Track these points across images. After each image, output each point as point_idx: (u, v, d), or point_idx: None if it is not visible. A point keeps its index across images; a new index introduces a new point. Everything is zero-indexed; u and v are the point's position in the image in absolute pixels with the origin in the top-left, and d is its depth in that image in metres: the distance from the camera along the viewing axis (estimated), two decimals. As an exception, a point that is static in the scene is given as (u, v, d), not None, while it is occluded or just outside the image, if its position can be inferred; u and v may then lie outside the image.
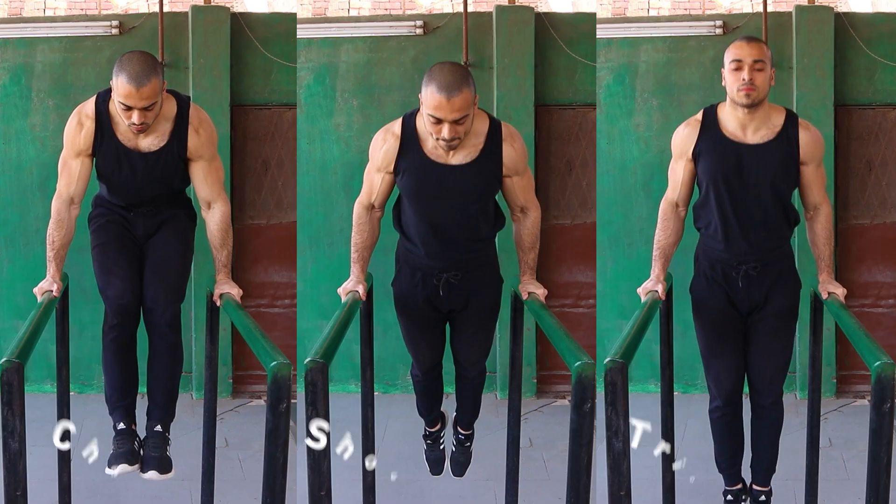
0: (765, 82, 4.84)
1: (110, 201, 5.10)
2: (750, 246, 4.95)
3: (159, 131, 4.95)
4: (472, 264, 5.01)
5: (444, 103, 4.58)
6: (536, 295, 5.03)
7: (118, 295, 5.00)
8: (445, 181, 4.79)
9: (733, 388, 5.10)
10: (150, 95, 4.76)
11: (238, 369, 7.99)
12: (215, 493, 5.40)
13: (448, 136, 4.64)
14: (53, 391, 5.53)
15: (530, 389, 7.95)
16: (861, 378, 7.85)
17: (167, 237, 5.11)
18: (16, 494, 3.90)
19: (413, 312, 5.10)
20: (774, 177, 4.89)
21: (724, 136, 4.91)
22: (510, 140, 4.86)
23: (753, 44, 4.86)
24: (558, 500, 6.52)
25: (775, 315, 5.01)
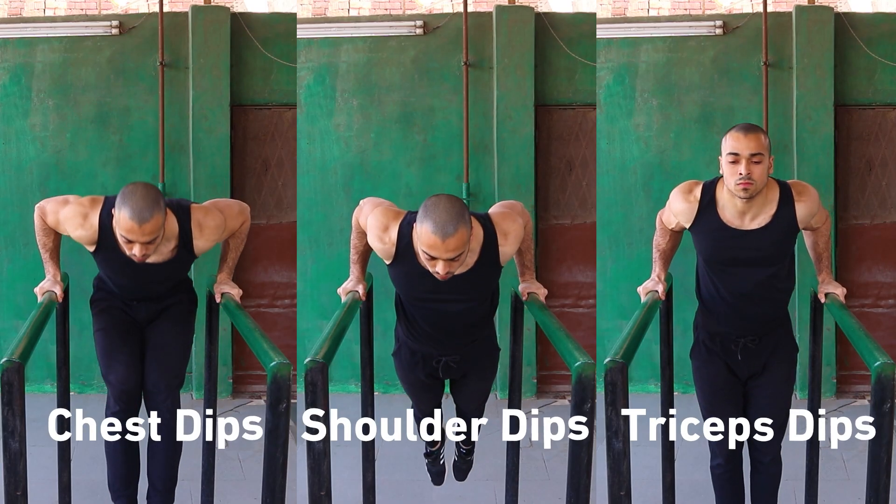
0: (762, 174, 4.74)
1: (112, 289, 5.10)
2: (748, 321, 4.97)
3: (165, 249, 4.92)
4: (470, 349, 5.02)
5: (439, 244, 4.45)
6: (536, 295, 5.03)
7: (121, 380, 5.02)
8: (442, 289, 4.70)
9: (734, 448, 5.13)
10: (152, 231, 4.71)
11: (238, 369, 7.99)
12: (215, 493, 5.40)
13: (442, 272, 4.51)
14: (53, 391, 5.53)
15: (530, 389, 7.94)
16: (861, 378, 7.85)
17: (169, 323, 5.12)
18: (16, 494, 3.90)
19: (413, 381, 5.13)
20: (772, 259, 4.87)
21: (721, 222, 4.84)
22: (505, 235, 4.73)
23: (751, 136, 4.74)
24: (558, 500, 6.52)
25: (774, 381, 5.05)
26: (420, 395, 5.25)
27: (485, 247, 4.68)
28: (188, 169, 7.84)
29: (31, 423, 4.22)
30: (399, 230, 4.67)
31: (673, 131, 7.81)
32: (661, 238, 5.10)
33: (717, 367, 5.05)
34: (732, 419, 5.10)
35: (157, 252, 4.88)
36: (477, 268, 4.69)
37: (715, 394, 5.08)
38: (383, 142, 7.93)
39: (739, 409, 5.11)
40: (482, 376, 5.17)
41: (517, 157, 7.90)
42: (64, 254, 5.14)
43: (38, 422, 6.11)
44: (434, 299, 4.77)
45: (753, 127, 4.82)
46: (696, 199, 4.88)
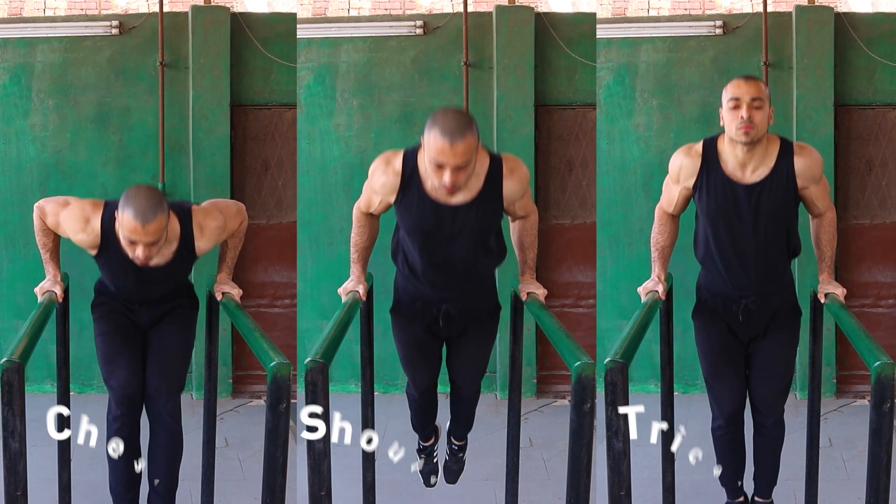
0: (763, 120, 4.79)
1: (114, 293, 5.10)
2: (750, 280, 4.96)
3: (166, 251, 4.93)
4: (471, 295, 5.01)
5: (447, 149, 4.50)
6: (536, 295, 5.03)
7: (122, 385, 5.02)
8: (446, 220, 4.75)
9: (735, 410, 5.12)
10: (156, 232, 4.72)
11: (238, 369, 7.99)
12: (215, 493, 5.41)
13: (449, 182, 4.56)
14: (53, 391, 5.53)
15: (530, 389, 7.95)
16: (861, 378, 7.85)
17: (170, 327, 5.13)
18: (16, 494, 3.90)
19: (410, 339, 5.10)
20: (774, 212, 4.88)
21: (723, 175, 4.88)
22: (510, 174, 4.80)
23: (751, 82, 4.81)
24: (558, 500, 6.52)
25: (776, 343, 5.04)
26: (417, 362, 5.18)
27: (489, 176, 4.74)
28: (188, 169, 7.85)
29: (31, 423, 4.22)
30: (404, 157, 4.75)
31: (673, 131, 7.82)
32: (659, 233, 5.10)
33: (718, 328, 5.04)
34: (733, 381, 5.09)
35: (160, 254, 4.88)
36: (481, 198, 4.74)
37: (716, 355, 5.06)
38: (383, 142, 7.93)
39: (741, 371, 5.09)
40: (481, 335, 5.12)
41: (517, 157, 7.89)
42: (64, 254, 5.15)
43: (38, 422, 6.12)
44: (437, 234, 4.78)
45: (752, 75, 4.94)
46: (698, 154, 4.93)
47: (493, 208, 4.80)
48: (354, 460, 5.74)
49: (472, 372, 5.28)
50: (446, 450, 5.64)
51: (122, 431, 5.05)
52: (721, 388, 5.09)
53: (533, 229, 5.06)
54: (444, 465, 5.69)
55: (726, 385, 5.08)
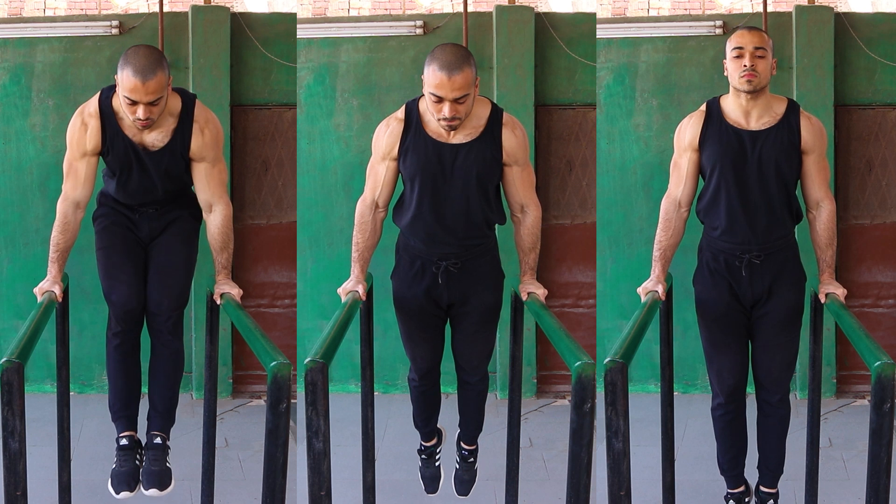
0: (766, 69, 4.91)
1: (115, 199, 5.08)
2: (754, 234, 4.96)
3: (163, 127, 4.92)
4: (471, 253, 5.00)
5: (446, 81, 4.66)
6: (536, 295, 5.03)
7: (123, 301, 5.00)
8: (447, 159, 4.85)
9: (736, 384, 5.08)
10: (156, 90, 4.73)
11: (238, 369, 7.99)
12: (215, 493, 5.41)
13: (449, 114, 4.71)
14: (53, 391, 5.54)
15: (530, 389, 7.95)
16: (861, 378, 7.85)
17: (172, 240, 5.09)
18: (16, 494, 3.90)
19: (412, 306, 5.08)
20: (776, 162, 4.93)
21: (727, 123, 4.97)
22: (511, 126, 4.92)
23: (755, 31, 4.93)
24: (558, 500, 6.52)
25: (780, 308, 5.01)
26: (418, 335, 5.16)
27: (490, 121, 4.85)
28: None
29: (31, 423, 4.22)
30: (405, 107, 4.90)
31: (673, 131, 7.79)
32: (663, 232, 5.10)
33: (720, 291, 5.03)
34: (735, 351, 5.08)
35: (159, 126, 4.86)
36: (481, 140, 4.85)
37: (717, 321, 5.05)
38: (383, 142, 7.93)
39: (743, 342, 5.08)
40: (484, 301, 5.09)
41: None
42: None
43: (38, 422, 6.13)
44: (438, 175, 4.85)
45: (756, 27, 5.10)
46: (701, 112, 5.05)
47: (493, 152, 4.89)
48: (354, 460, 5.74)
49: (477, 351, 5.24)
50: (456, 457, 5.60)
51: (123, 347, 5.03)
52: (721, 358, 5.07)
53: (535, 229, 5.05)
54: (455, 475, 5.63)
55: (727, 355, 5.06)
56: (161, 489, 5.06)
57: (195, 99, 4.99)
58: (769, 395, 5.10)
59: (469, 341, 5.19)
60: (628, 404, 3.89)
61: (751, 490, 5.28)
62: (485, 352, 5.26)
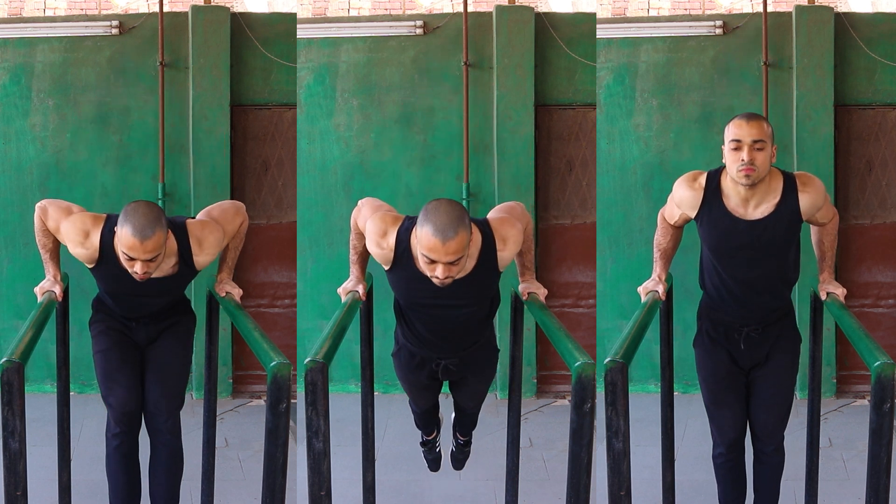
0: (765, 161, 4.76)
1: (111, 308, 5.10)
2: (752, 311, 4.97)
3: (165, 266, 4.92)
4: (470, 351, 5.02)
5: (439, 247, 4.42)
6: (536, 295, 5.03)
7: (121, 403, 5.02)
8: (440, 294, 4.68)
9: (736, 437, 5.13)
10: (154, 248, 4.72)
11: (238, 369, 7.99)
12: (215, 493, 5.40)
13: (442, 276, 4.49)
14: (53, 391, 5.54)
15: (530, 389, 7.95)
16: (861, 378, 7.85)
17: (169, 343, 5.13)
18: (16, 494, 3.90)
19: (412, 381, 5.13)
20: (777, 248, 4.88)
21: (725, 210, 4.86)
22: (503, 244, 4.71)
23: (753, 123, 4.76)
24: (558, 500, 6.52)
25: (777, 371, 5.05)
26: (418, 394, 5.26)
27: (483, 252, 4.66)
28: (188, 169, 7.85)
29: (31, 423, 4.22)
30: (397, 236, 4.64)
31: (673, 131, 7.81)
32: (661, 237, 5.10)
33: (719, 357, 5.05)
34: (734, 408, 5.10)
35: (159, 269, 4.88)
36: (475, 273, 4.67)
37: (717, 383, 5.08)
38: (383, 142, 7.93)
39: (742, 398, 5.10)
40: (481, 378, 5.17)
41: (517, 157, 7.90)
42: (64, 254, 5.14)
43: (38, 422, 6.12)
44: (433, 304, 4.76)
45: (756, 115, 4.86)
46: (700, 187, 4.89)
47: (489, 278, 4.74)
48: (354, 460, 5.74)
49: (474, 401, 5.36)
50: (452, 443, 5.67)
51: (122, 448, 5.05)
52: (723, 415, 5.10)
53: (528, 238, 5.02)
54: (451, 453, 5.74)
55: (728, 413, 5.09)
56: None
57: (185, 226, 4.95)
58: (765, 445, 5.14)
59: (467, 398, 5.30)
60: (628, 404, 3.89)
61: None
62: (482, 397, 5.34)
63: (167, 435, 5.08)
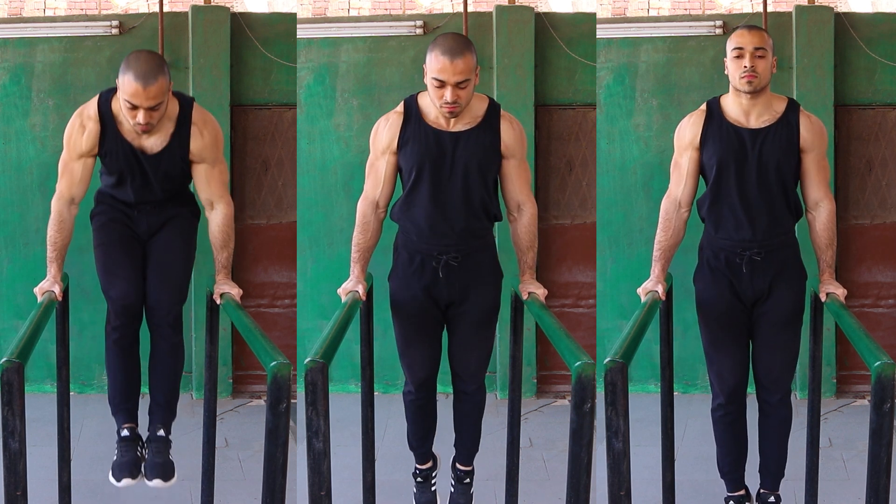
0: (766, 69, 4.94)
1: (113, 197, 5.08)
2: (754, 232, 4.97)
3: (162, 131, 4.93)
4: (471, 247, 4.99)
5: (448, 65, 4.74)
6: (536, 295, 5.03)
7: (121, 296, 5.00)
8: (447, 146, 4.89)
9: (736, 384, 5.07)
10: (157, 95, 4.74)
11: (238, 369, 7.99)
12: (215, 493, 5.41)
13: (451, 98, 4.77)
14: (53, 391, 5.54)
15: (530, 389, 7.95)
16: (861, 378, 7.85)
17: (171, 236, 5.10)
18: (16, 494, 3.90)
19: (410, 308, 5.04)
20: (777, 160, 4.95)
21: (727, 122, 4.99)
22: (509, 120, 4.98)
23: (755, 31, 4.95)
24: (558, 500, 6.52)
25: (781, 307, 5.01)
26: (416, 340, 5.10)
27: (488, 112, 4.92)
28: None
29: (31, 423, 4.22)
30: (404, 101, 4.98)
31: (673, 131, 7.79)
32: (663, 232, 5.10)
33: (720, 289, 5.03)
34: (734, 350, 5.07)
35: (158, 130, 4.87)
36: (480, 128, 4.90)
37: (718, 319, 5.05)
38: (383, 142, 7.93)
39: (743, 340, 5.07)
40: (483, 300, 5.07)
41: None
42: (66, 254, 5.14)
43: (38, 422, 6.12)
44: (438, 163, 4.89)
45: (756, 25, 5.12)
46: (701, 112, 5.08)
47: (493, 141, 4.93)
48: (354, 460, 5.74)
49: (474, 356, 5.17)
50: (451, 480, 5.47)
51: (122, 341, 5.03)
52: (722, 357, 5.06)
53: (532, 227, 5.05)
54: (450, 499, 5.47)
55: (727, 354, 5.05)
56: (165, 480, 5.06)
57: (193, 102, 5.01)
58: (770, 394, 5.09)
59: (467, 343, 5.13)
60: (628, 404, 3.89)
61: (751, 495, 5.27)
62: (483, 356, 5.19)
63: (168, 329, 5.05)
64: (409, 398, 5.25)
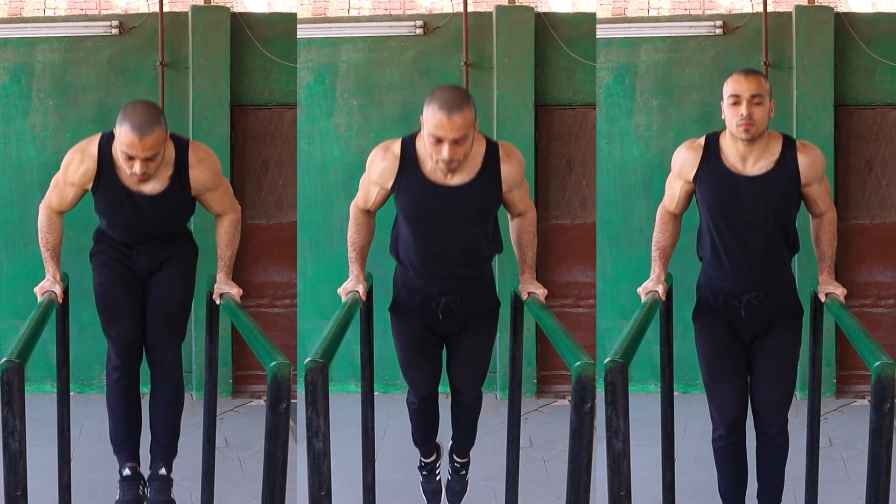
0: (763, 116, 4.81)
1: (112, 237, 5.09)
2: (752, 276, 4.94)
3: (161, 176, 4.92)
4: (471, 286, 5.00)
5: (445, 121, 4.58)
6: (536, 295, 5.03)
7: (121, 335, 5.01)
8: (444, 201, 4.78)
9: (736, 416, 5.07)
10: (153, 146, 4.73)
11: (238, 369, 7.99)
12: (215, 493, 5.41)
13: (448, 156, 4.63)
14: (53, 391, 5.53)
15: (530, 389, 7.95)
16: (861, 378, 7.85)
17: (170, 275, 5.11)
18: (16, 494, 3.90)
19: (411, 338, 5.10)
20: (775, 207, 4.88)
21: (724, 167, 4.89)
22: (507, 158, 4.85)
23: (751, 78, 4.82)
24: (558, 500, 6.52)
25: (779, 343, 5.00)
26: (417, 362, 5.16)
27: (486, 159, 4.78)
28: (188, 169, 7.84)
29: (31, 423, 4.22)
30: (402, 143, 4.81)
31: (673, 131, 7.82)
32: (660, 234, 5.10)
33: (719, 328, 5.01)
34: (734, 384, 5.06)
35: (155, 178, 4.86)
36: (479, 179, 4.78)
37: (717, 356, 5.04)
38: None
39: (742, 374, 5.06)
40: (481, 332, 5.11)
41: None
42: (64, 254, 5.15)
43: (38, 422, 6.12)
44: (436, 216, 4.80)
45: (753, 70, 4.92)
46: (699, 147, 4.94)
47: (492, 191, 4.83)
48: (354, 460, 5.74)
49: (472, 374, 5.25)
50: (448, 468, 5.61)
51: (123, 381, 5.03)
52: (722, 392, 5.05)
53: (531, 227, 5.06)
54: (447, 485, 5.64)
55: (727, 388, 5.04)
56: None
57: (188, 143, 4.99)
58: (768, 426, 5.09)
59: (466, 366, 5.23)
60: (628, 404, 3.89)
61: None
62: (480, 374, 5.27)
63: (168, 367, 5.05)
64: (413, 407, 5.36)
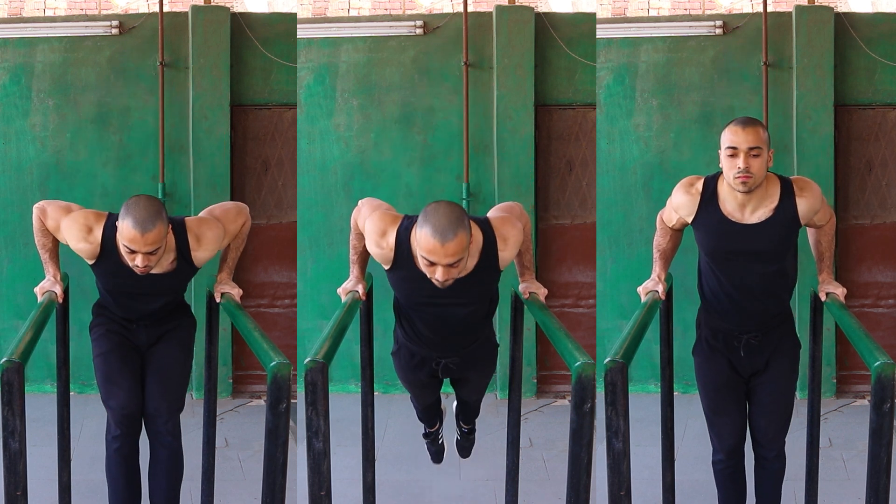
0: (761, 168, 4.74)
1: (112, 311, 5.10)
2: (751, 317, 4.96)
3: (164, 263, 4.93)
4: (472, 347, 5.02)
5: (438, 248, 4.40)
6: (536, 295, 5.03)
7: (121, 406, 5.02)
8: (440, 293, 4.66)
9: (736, 444, 5.11)
10: (155, 241, 4.73)
11: (238, 369, 7.99)
12: (215, 493, 5.40)
13: (441, 278, 4.48)
14: (53, 391, 5.53)
15: (530, 389, 7.95)
16: (861, 378, 7.85)
17: (169, 346, 5.13)
18: (16, 494, 3.90)
19: (412, 380, 5.14)
20: (775, 252, 4.87)
21: (722, 215, 4.85)
22: (503, 243, 4.69)
23: (749, 129, 4.74)
24: (558, 500, 6.52)
25: (777, 377, 5.03)
26: (419, 392, 5.27)
27: (484, 251, 4.65)
28: (188, 169, 7.85)
29: (31, 423, 4.22)
30: (397, 235, 4.62)
31: (673, 131, 7.82)
32: (661, 238, 5.10)
33: (719, 365, 5.04)
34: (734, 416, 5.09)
35: (158, 264, 4.89)
36: (476, 272, 4.66)
37: (717, 391, 5.07)
38: (383, 142, 7.93)
39: (742, 405, 5.10)
40: (482, 374, 5.19)
41: (517, 157, 7.90)
42: (64, 254, 5.15)
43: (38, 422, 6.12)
44: (433, 304, 4.75)
45: (752, 120, 4.82)
46: (697, 192, 4.88)
47: (490, 277, 4.73)
48: (354, 460, 5.74)
49: (476, 395, 5.38)
50: (456, 431, 5.70)
51: (122, 450, 5.06)
52: (722, 423, 5.09)
53: (527, 237, 5.01)
54: (456, 442, 5.76)
55: (728, 420, 5.08)
56: None
57: (183, 223, 4.97)
58: (766, 451, 5.13)
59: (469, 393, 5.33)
60: (628, 404, 3.89)
61: None
62: (482, 391, 5.36)
63: (167, 437, 5.08)
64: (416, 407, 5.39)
